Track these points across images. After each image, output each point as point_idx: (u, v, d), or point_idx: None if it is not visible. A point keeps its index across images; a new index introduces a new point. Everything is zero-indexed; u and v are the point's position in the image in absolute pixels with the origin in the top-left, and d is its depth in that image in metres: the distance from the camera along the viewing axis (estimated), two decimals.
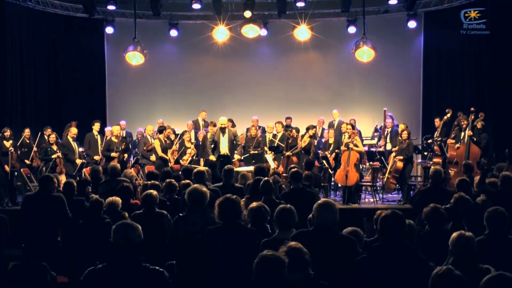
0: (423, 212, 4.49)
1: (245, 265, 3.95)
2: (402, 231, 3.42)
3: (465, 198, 4.90)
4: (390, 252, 3.35)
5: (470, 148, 8.79)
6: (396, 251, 3.35)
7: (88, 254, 5.23)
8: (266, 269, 2.78)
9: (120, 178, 7.00)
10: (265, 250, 3.76)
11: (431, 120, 11.02)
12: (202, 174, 6.37)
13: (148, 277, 2.91)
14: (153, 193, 5.26)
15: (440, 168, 6.88)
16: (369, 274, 3.31)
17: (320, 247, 3.26)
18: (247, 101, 13.77)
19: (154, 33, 13.86)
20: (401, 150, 9.05)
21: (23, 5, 12.25)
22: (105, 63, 13.98)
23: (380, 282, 3.27)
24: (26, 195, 6.60)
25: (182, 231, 4.52)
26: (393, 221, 3.40)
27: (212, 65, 14.04)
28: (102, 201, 5.47)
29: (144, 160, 10.35)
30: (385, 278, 3.25)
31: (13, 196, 9.31)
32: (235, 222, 4.12)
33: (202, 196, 4.55)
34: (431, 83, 13.15)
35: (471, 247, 3.58)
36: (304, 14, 12.41)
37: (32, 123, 11.86)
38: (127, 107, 13.99)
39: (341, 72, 13.81)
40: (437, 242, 4.12)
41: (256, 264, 2.82)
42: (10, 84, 11.97)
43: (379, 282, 3.27)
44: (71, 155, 9.73)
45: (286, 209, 4.00)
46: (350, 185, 8.89)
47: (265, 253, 2.85)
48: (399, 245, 3.38)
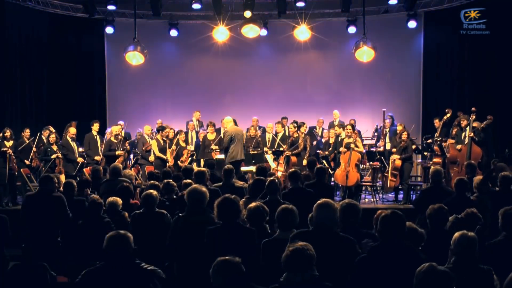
0: (428, 210, 4.47)
1: (245, 265, 3.96)
2: (402, 231, 3.42)
3: (477, 216, 4.74)
4: (390, 252, 3.35)
5: (472, 148, 8.79)
6: (395, 251, 3.35)
7: (88, 254, 5.24)
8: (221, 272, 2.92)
9: (121, 178, 7.01)
10: (266, 250, 3.79)
11: (431, 120, 11.03)
12: (202, 174, 6.37)
13: (143, 277, 2.93)
14: (153, 193, 5.26)
15: (440, 168, 6.88)
16: (368, 274, 3.31)
17: (320, 247, 3.26)
18: (247, 101, 13.78)
19: (154, 33, 13.86)
20: (400, 150, 9.06)
21: (23, 5, 12.25)
22: (105, 63, 13.99)
23: (379, 282, 3.26)
24: (27, 195, 6.60)
25: (181, 231, 4.52)
26: (393, 221, 3.41)
27: (212, 65, 14.04)
28: (101, 201, 5.48)
29: (143, 160, 10.35)
30: (384, 278, 3.25)
31: (13, 196, 9.31)
32: (234, 222, 4.12)
33: (202, 196, 4.55)
34: (431, 83, 13.15)
35: (472, 247, 3.57)
36: (304, 14, 12.41)
37: (32, 123, 11.87)
38: (126, 107, 13.99)
39: (341, 72, 13.81)
40: (439, 242, 4.12)
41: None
42: (10, 84, 11.98)
43: (378, 282, 3.27)
44: (71, 155, 9.74)
45: (288, 209, 4.00)
46: (350, 185, 8.90)
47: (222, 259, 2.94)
48: (399, 245, 3.38)
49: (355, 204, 4.11)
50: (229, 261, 2.95)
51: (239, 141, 9.30)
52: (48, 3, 12.80)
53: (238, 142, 9.27)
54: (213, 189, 5.67)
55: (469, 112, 9.41)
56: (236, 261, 2.96)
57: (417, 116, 13.24)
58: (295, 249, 2.98)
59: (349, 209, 4.02)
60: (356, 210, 4.03)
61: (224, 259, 2.96)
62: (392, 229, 3.39)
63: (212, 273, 2.95)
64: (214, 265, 2.96)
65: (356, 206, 4.08)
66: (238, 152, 9.22)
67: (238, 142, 9.28)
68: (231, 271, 2.92)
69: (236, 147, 9.23)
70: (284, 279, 2.98)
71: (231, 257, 2.98)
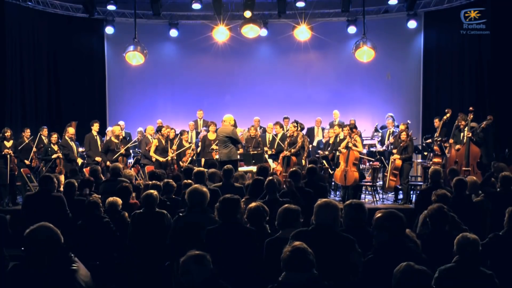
0: (427, 210, 4.48)
1: (245, 265, 3.96)
2: (399, 230, 3.42)
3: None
4: (387, 252, 3.35)
5: (470, 148, 8.79)
6: (392, 251, 3.34)
7: (88, 254, 5.24)
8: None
9: (121, 178, 7.01)
10: (269, 249, 3.78)
11: (431, 120, 11.02)
12: (202, 174, 6.37)
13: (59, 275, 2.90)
14: (153, 193, 5.26)
15: (439, 168, 6.88)
16: (366, 275, 3.31)
17: (320, 246, 3.26)
18: (247, 101, 13.78)
19: (154, 33, 13.87)
20: (400, 150, 9.06)
21: (23, 5, 12.26)
22: (105, 63, 13.99)
23: (376, 282, 3.25)
24: (27, 195, 6.60)
25: (181, 231, 4.52)
26: (389, 221, 3.41)
27: (212, 65, 14.05)
28: (98, 201, 5.47)
29: (145, 160, 10.35)
30: (381, 278, 3.23)
31: (13, 196, 9.32)
32: (234, 222, 4.13)
33: (202, 196, 4.55)
34: (431, 83, 13.15)
35: (474, 250, 3.57)
36: (304, 14, 12.42)
37: (32, 123, 11.86)
38: (127, 107, 14.00)
39: (341, 72, 13.81)
40: (439, 242, 4.12)
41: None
42: (10, 84, 11.97)
43: (375, 282, 3.26)
44: (71, 155, 9.75)
45: (291, 209, 4.00)
46: (349, 185, 8.90)
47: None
48: (397, 245, 3.37)
49: (361, 204, 4.14)
50: (198, 255, 2.96)
51: (220, 142, 9.29)
52: (48, 3, 12.81)
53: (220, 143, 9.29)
54: (213, 189, 5.67)
55: (467, 112, 9.41)
56: (203, 255, 2.98)
57: (417, 116, 13.23)
58: (296, 249, 2.98)
59: (356, 208, 4.03)
60: (363, 210, 4.04)
61: (194, 253, 2.97)
62: (388, 229, 3.39)
63: (181, 267, 2.96)
64: (183, 260, 2.97)
65: (363, 206, 4.10)
66: (221, 153, 9.25)
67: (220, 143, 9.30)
68: (199, 265, 2.94)
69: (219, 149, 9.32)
70: (283, 278, 2.97)
71: (200, 251, 3.00)
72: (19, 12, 12.26)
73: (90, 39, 13.66)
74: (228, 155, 9.11)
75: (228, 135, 9.18)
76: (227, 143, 9.16)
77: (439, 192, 5.15)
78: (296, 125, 9.92)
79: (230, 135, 9.19)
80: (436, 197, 5.06)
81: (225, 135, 9.19)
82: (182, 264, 2.99)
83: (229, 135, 9.18)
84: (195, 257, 2.98)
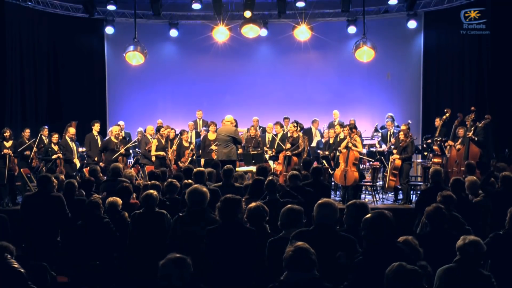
0: (426, 211, 4.47)
1: (245, 265, 3.96)
2: (387, 231, 3.39)
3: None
4: (377, 253, 3.33)
5: (470, 148, 8.79)
6: (382, 252, 3.32)
7: (88, 254, 5.24)
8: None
9: (121, 178, 7.00)
10: (272, 249, 3.78)
11: (431, 120, 11.02)
12: (202, 174, 6.37)
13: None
14: (153, 193, 5.26)
15: (439, 168, 6.88)
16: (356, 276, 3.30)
17: (320, 246, 3.25)
18: (247, 101, 13.77)
19: (154, 33, 13.86)
20: (400, 150, 9.06)
21: (23, 5, 12.26)
22: (105, 63, 13.98)
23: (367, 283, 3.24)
24: (26, 195, 6.59)
25: (181, 231, 4.51)
26: (376, 222, 3.39)
27: (212, 65, 14.04)
28: (99, 201, 5.47)
29: (145, 160, 10.35)
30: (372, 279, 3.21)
31: (13, 196, 9.31)
32: (234, 222, 4.12)
33: (202, 196, 4.55)
34: (431, 83, 13.15)
35: (477, 252, 3.57)
36: (304, 14, 12.42)
37: (32, 123, 11.87)
38: (127, 107, 14.00)
39: (341, 72, 13.81)
40: (438, 242, 4.12)
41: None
42: (10, 84, 11.98)
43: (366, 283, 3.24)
44: (68, 156, 9.74)
45: (294, 209, 4.00)
46: (349, 185, 8.90)
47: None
48: (386, 246, 3.36)
49: (365, 204, 4.14)
50: (178, 258, 2.94)
51: (221, 141, 9.30)
52: (48, 3, 12.80)
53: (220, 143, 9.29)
54: (213, 189, 5.67)
55: (468, 112, 9.41)
56: (183, 258, 2.96)
57: (417, 116, 13.23)
58: (298, 249, 2.97)
59: (361, 208, 4.03)
60: (367, 210, 4.04)
61: (174, 256, 2.94)
62: (375, 230, 3.38)
63: (160, 270, 2.93)
64: (162, 263, 2.94)
65: (366, 206, 4.10)
66: (220, 153, 9.27)
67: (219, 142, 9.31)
68: (180, 269, 2.91)
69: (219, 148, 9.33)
70: (284, 278, 2.97)
71: (181, 255, 2.97)
72: (19, 12, 12.26)
73: (90, 39, 13.65)
74: (227, 154, 9.13)
75: (231, 135, 9.23)
76: (228, 143, 9.19)
77: (445, 194, 5.12)
78: (296, 125, 9.94)
79: (232, 134, 9.23)
80: (442, 198, 5.03)
81: (227, 134, 9.24)
82: (161, 268, 2.93)
83: (232, 135, 9.23)
84: (175, 260, 2.93)
